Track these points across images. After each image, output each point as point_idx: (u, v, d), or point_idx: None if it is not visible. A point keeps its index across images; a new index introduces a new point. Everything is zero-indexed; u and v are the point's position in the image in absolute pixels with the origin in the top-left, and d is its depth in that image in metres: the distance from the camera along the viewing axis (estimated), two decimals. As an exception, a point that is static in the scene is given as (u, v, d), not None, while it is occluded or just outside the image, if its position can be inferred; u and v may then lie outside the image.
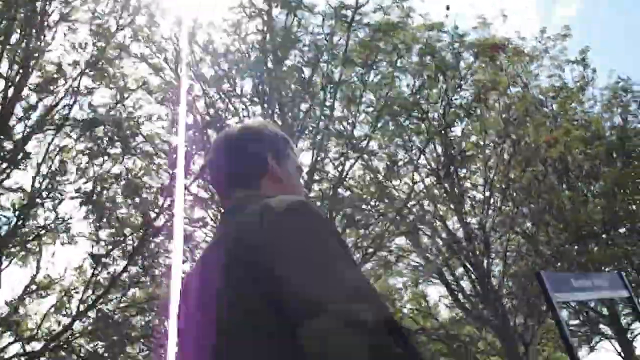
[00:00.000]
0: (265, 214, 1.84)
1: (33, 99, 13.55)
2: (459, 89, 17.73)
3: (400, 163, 18.42)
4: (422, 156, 19.11)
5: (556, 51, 22.78)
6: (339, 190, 16.73)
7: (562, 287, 12.84)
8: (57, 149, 13.85)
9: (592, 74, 23.44)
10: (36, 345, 13.62)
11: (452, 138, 19.32)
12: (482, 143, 20.02)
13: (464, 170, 20.34)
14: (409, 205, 18.75)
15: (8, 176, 13.20)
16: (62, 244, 14.27)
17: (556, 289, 12.39)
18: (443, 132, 17.87)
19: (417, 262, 21.17)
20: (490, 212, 19.63)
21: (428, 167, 19.74)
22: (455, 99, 17.80)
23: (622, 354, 21.84)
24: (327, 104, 15.82)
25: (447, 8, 16.96)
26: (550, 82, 23.06)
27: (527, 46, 22.24)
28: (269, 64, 16.27)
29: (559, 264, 19.81)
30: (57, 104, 13.72)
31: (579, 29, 45.04)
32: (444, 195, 19.73)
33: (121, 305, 14.70)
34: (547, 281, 12.28)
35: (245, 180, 2.16)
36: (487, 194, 19.91)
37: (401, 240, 20.34)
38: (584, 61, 23.32)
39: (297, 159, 2.34)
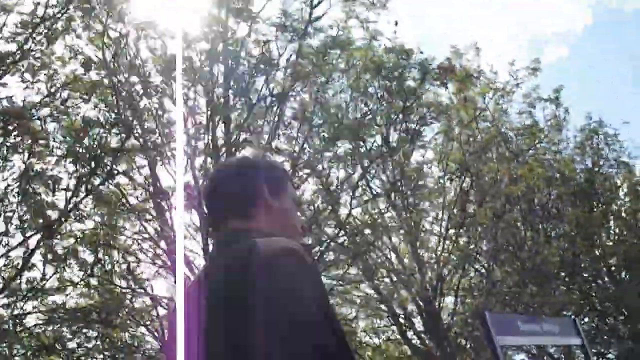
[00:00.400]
0: (252, 258, 1.85)
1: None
2: (406, 112, 16.52)
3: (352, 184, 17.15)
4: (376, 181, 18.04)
5: (528, 88, 21.81)
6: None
7: (507, 330, 11.60)
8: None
9: (564, 114, 22.40)
10: None
11: (408, 165, 18.26)
12: (442, 174, 19.01)
13: (421, 202, 19.21)
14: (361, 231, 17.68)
15: None
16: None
17: (500, 332, 11.14)
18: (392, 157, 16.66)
19: (365, 293, 19.95)
20: (445, 246, 18.50)
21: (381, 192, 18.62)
22: (402, 123, 16.62)
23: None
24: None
25: (396, 24, 15.90)
26: (520, 120, 22.00)
27: (499, 80, 21.26)
28: (220, 75, 15.22)
29: (513, 305, 18.61)
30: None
31: (568, 71, 43.94)
32: (398, 224, 18.62)
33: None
34: (491, 323, 11.03)
35: (239, 210, 2.16)
36: (444, 227, 18.81)
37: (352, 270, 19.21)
38: (557, 100, 22.27)
39: (295, 193, 2.34)
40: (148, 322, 16.64)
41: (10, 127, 12.03)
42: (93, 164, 12.73)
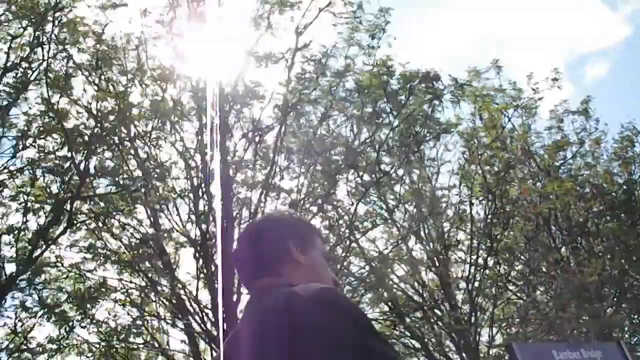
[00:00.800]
0: (291, 301, 1.81)
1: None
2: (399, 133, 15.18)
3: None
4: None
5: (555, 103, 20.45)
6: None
7: None
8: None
9: (595, 125, 20.79)
10: None
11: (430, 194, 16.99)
12: (466, 200, 17.64)
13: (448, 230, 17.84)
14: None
15: None
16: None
17: None
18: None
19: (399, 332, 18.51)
20: (477, 275, 17.08)
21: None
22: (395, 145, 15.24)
23: None
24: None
25: (372, 38, 14.63)
26: (549, 136, 20.55)
27: (524, 98, 19.84)
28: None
29: (555, 331, 16.99)
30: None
31: (609, 89, 41.88)
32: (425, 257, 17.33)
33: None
34: (520, 354, 9.69)
35: (268, 268, 2.10)
36: (474, 256, 17.36)
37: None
38: (587, 112, 20.73)
39: (324, 247, 2.29)
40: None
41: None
42: (52, 214, 11.88)
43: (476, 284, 17.02)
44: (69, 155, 12.51)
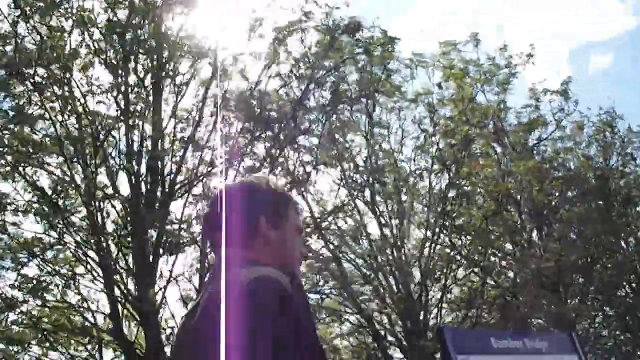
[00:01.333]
0: (233, 286, 1.81)
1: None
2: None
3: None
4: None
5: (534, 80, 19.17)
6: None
7: (472, 348, 8.86)
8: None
9: (573, 107, 19.43)
10: None
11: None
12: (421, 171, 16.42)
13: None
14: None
15: None
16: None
17: (463, 350, 8.43)
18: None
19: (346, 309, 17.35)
20: (430, 252, 15.88)
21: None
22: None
23: None
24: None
25: None
26: (526, 113, 19.21)
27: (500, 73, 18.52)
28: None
29: (512, 318, 15.78)
30: None
31: (611, 80, 40.36)
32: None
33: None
34: (451, 339, 8.37)
35: (236, 241, 2.04)
36: (429, 232, 16.14)
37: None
38: (566, 93, 19.34)
39: (297, 220, 2.22)
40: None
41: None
42: None
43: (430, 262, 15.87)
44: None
